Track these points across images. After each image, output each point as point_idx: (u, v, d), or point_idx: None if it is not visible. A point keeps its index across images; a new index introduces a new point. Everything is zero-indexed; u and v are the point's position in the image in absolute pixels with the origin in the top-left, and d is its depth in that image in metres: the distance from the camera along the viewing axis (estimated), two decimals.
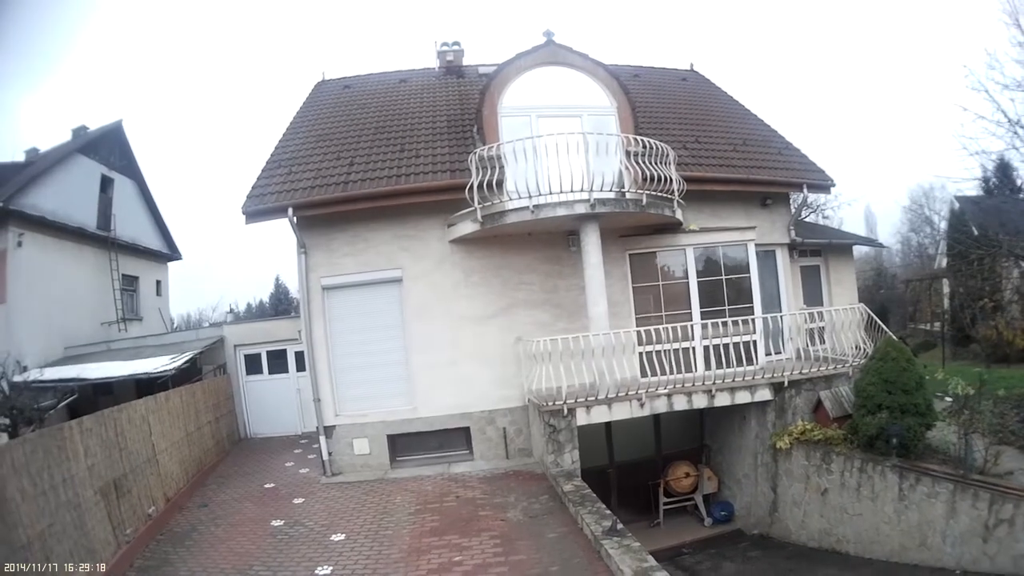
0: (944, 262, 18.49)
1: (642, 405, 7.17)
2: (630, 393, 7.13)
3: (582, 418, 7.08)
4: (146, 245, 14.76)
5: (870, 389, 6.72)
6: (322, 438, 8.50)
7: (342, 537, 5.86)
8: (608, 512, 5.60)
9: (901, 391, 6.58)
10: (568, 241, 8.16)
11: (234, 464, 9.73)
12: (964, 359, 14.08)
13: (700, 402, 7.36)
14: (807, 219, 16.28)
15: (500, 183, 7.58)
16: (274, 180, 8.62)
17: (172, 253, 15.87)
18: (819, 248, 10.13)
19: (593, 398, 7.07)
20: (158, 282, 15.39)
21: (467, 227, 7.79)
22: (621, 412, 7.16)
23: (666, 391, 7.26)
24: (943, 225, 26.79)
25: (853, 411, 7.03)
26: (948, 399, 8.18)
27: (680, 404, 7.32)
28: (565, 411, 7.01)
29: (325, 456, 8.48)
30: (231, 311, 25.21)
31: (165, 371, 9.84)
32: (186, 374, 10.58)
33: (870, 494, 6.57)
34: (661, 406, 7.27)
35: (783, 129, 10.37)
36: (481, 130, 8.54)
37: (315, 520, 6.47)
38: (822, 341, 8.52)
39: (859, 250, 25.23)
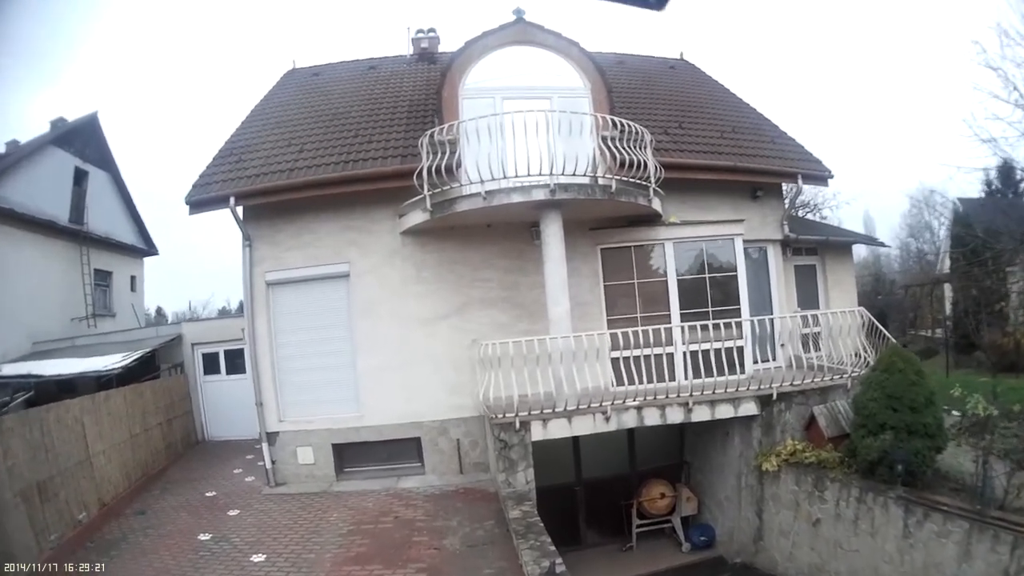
0: (946, 266, 17.05)
1: (607, 419, 5.98)
2: (592, 405, 5.93)
3: (537, 433, 5.90)
4: (120, 239, 13.78)
5: (872, 406, 5.47)
6: (264, 445, 7.47)
7: (262, 559, 5.20)
8: (552, 548, 4.44)
9: (908, 409, 5.35)
10: (532, 234, 6.98)
11: (184, 469, 8.80)
12: (968, 367, 12.67)
13: (675, 416, 6.15)
14: (804, 217, 14.95)
15: (454, 168, 6.46)
16: (222, 169, 7.65)
17: (148, 248, 14.89)
18: (815, 246, 8.84)
19: (550, 410, 5.88)
20: (133, 277, 14.41)
21: (417, 217, 6.67)
22: (583, 427, 5.98)
23: (636, 403, 6.05)
24: (943, 231, 25.23)
25: (851, 430, 5.77)
26: (956, 413, 6.87)
27: (652, 418, 6.12)
28: (517, 424, 5.84)
29: (268, 465, 7.45)
30: (225, 308, 24.34)
31: (109, 370, 8.84)
32: (142, 372, 9.59)
33: (869, 528, 5.32)
34: (630, 420, 6.07)
35: (780, 125, 9.11)
36: (440, 113, 7.41)
37: (242, 536, 5.77)
38: (817, 348, 7.25)
39: (857, 255, 23.71)
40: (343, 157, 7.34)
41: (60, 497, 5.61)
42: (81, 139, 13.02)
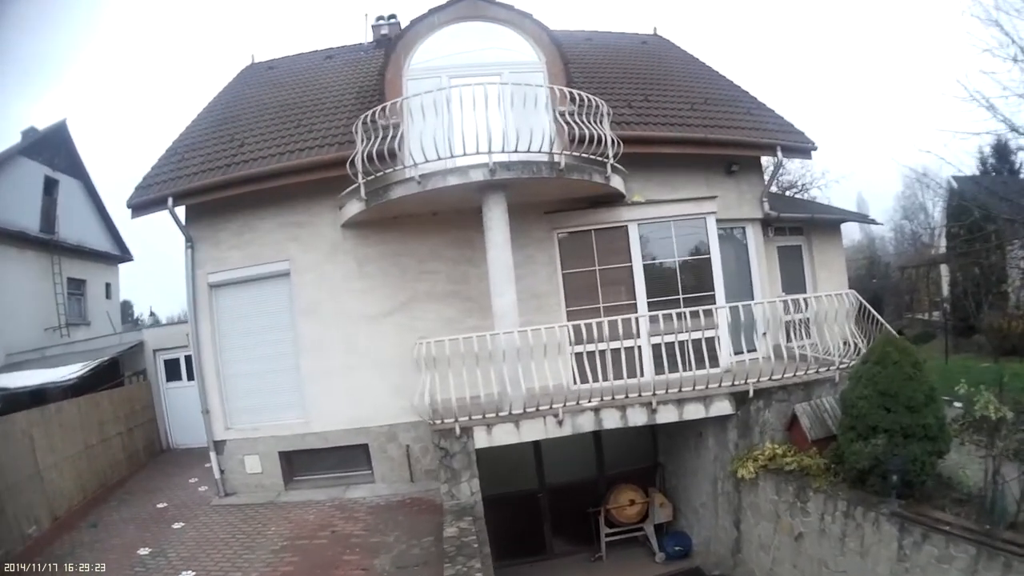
0: (943, 246, 15.77)
1: (560, 423, 5.06)
2: (542, 408, 5.01)
3: (481, 439, 5.01)
4: (93, 247, 13.02)
5: (862, 405, 4.47)
6: (213, 454, 6.75)
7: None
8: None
9: (904, 408, 4.32)
10: (482, 220, 6.05)
11: (145, 479, 8.17)
12: (967, 351, 11.49)
13: (637, 418, 5.21)
14: (788, 195, 13.73)
15: (396, 151, 5.55)
16: (164, 169, 6.88)
17: (123, 254, 14.13)
18: (800, 225, 7.77)
19: (494, 414, 4.98)
20: (108, 285, 13.64)
21: (354, 207, 5.80)
22: (533, 432, 5.07)
23: (592, 404, 5.12)
24: (938, 211, 23.72)
25: (839, 432, 4.78)
26: (957, 405, 5.84)
27: (611, 421, 5.18)
28: (458, 431, 4.95)
29: (217, 475, 6.71)
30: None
31: (64, 381, 8.14)
32: (105, 381, 8.88)
33: (858, 547, 4.36)
34: (586, 424, 5.15)
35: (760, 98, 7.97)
36: (383, 96, 6.50)
37: (179, 551, 5.35)
38: (806, 336, 6.20)
39: (849, 238, 22.32)
40: (281, 149, 6.49)
41: (7, 512, 5.34)
42: (50, 148, 12.26)
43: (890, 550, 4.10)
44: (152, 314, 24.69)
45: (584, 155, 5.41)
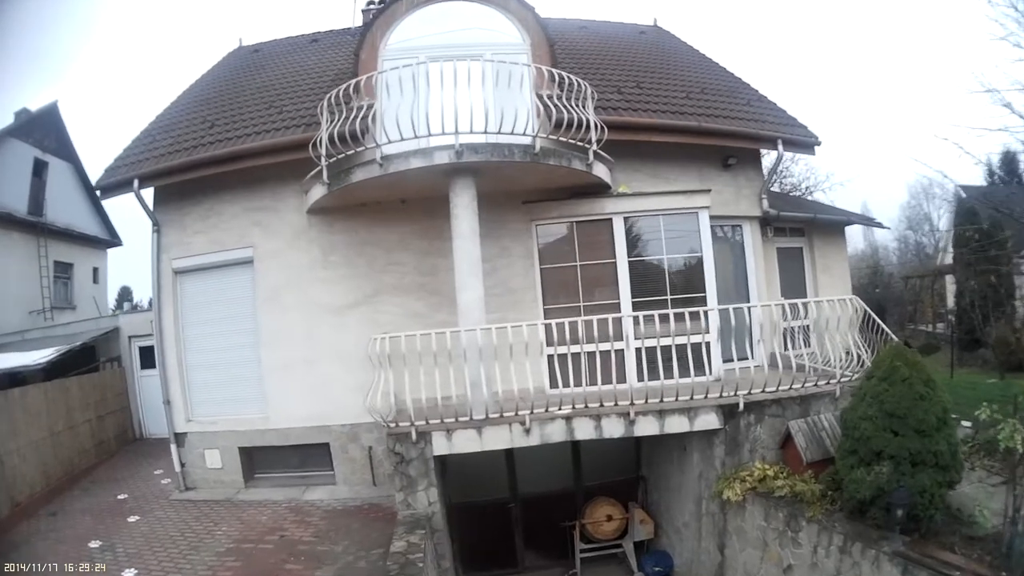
0: (948, 257, 14.87)
1: (527, 431, 4.42)
2: (507, 415, 4.37)
3: (440, 446, 4.39)
4: (82, 231, 12.59)
5: (865, 426, 3.78)
6: (173, 447, 6.28)
7: (132, 574, 4.47)
8: None
9: (914, 432, 3.63)
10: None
11: (111, 468, 7.80)
12: (972, 365, 10.66)
13: (613, 429, 4.54)
14: (790, 194, 12.90)
15: (360, 132, 4.96)
16: (135, 151, 6.40)
17: (112, 239, 13.69)
18: (802, 226, 7.04)
19: (453, 419, 4.35)
20: (95, 269, 13.20)
21: (317, 192, 5.23)
22: (497, 440, 4.43)
23: (564, 412, 4.48)
24: (943, 222, 22.66)
25: (837, 455, 4.08)
26: (966, 424, 5.11)
27: (584, 431, 4.53)
28: (414, 435, 4.34)
29: (177, 468, 6.26)
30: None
31: (35, 364, 7.67)
32: (79, 366, 8.41)
33: None
34: (556, 433, 4.49)
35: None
36: (356, 75, 5.90)
37: (127, 546, 5.02)
38: (805, 344, 5.49)
39: (854, 247, 21.41)
40: (249, 130, 5.93)
41: None
42: (40, 129, 11.84)
43: None
44: (151, 301, 24.33)
45: (565, 140, 4.76)
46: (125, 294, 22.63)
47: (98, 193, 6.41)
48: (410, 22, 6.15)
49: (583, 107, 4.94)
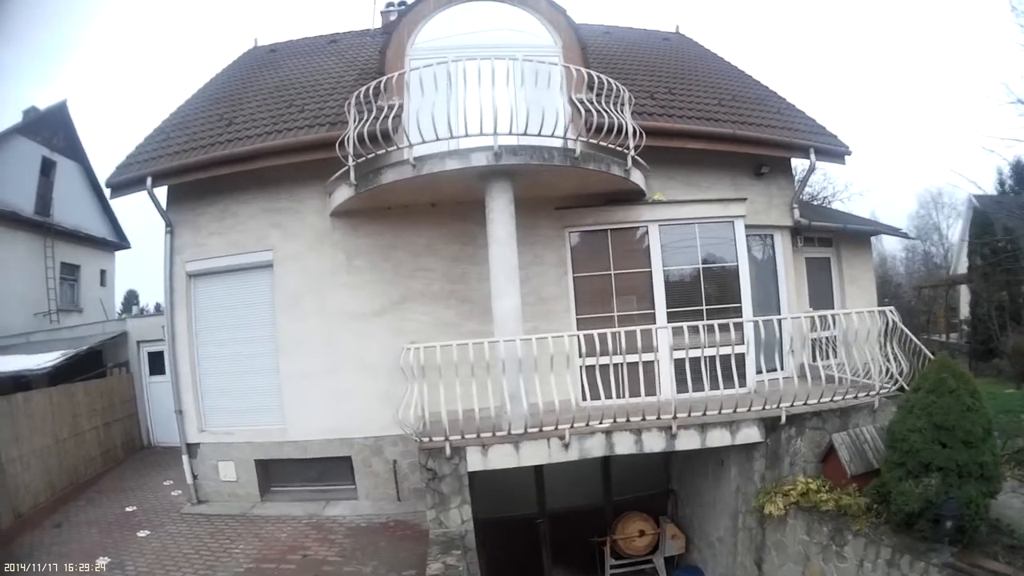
0: (962, 266, 15.06)
1: (566, 446, 4.41)
2: (546, 429, 4.35)
3: (475, 462, 4.37)
4: (89, 232, 12.55)
5: (914, 439, 3.85)
6: (185, 458, 6.25)
7: None
8: None
9: (962, 443, 3.74)
10: (485, 214, 5.42)
11: (118, 478, 7.72)
12: (987, 375, 10.79)
13: (654, 444, 4.56)
14: (816, 204, 13.01)
15: (390, 132, 4.96)
16: (148, 148, 6.37)
17: (120, 241, 13.64)
18: (830, 236, 7.12)
19: (490, 433, 4.32)
20: (103, 271, 13.17)
21: (343, 194, 5.22)
22: (535, 455, 4.42)
23: (604, 426, 4.46)
24: (954, 231, 22.98)
25: (884, 468, 4.12)
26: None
27: (624, 446, 4.53)
28: (448, 451, 4.30)
29: (189, 480, 6.23)
30: None
31: (39, 368, 7.55)
32: (86, 371, 8.29)
33: None
34: (596, 448, 4.50)
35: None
36: (382, 74, 5.90)
37: (138, 564, 4.89)
38: (832, 355, 5.52)
39: None
40: (269, 129, 5.91)
41: None
42: (49, 128, 11.84)
43: None
44: (158, 305, 24.12)
45: (604, 144, 4.79)
46: (131, 298, 22.36)
47: (108, 191, 6.32)
48: (438, 21, 6.19)
49: (620, 111, 4.97)
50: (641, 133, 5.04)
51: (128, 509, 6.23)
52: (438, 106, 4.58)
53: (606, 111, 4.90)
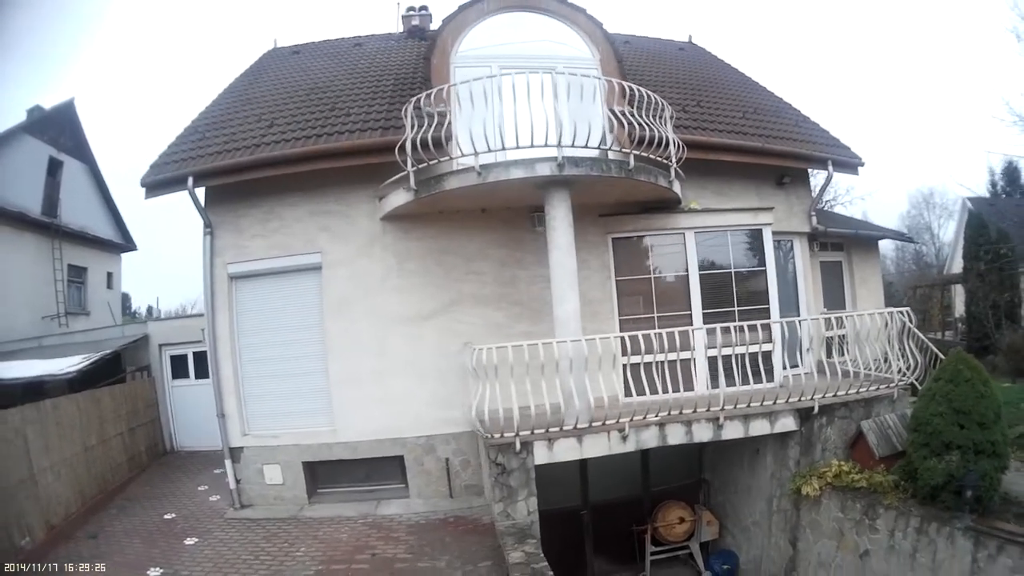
0: (956, 266, 16.33)
1: (624, 438, 5.04)
2: (608, 423, 4.94)
3: (542, 455, 4.94)
4: (96, 234, 12.66)
5: (937, 422, 4.64)
6: (228, 462, 6.52)
7: None
8: None
9: (977, 425, 4.58)
10: (533, 220, 6.06)
11: (147, 484, 7.88)
12: None
13: (703, 434, 5.24)
14: (828, 210, 13.97)
15: (443, 141, 5.45)
16: (183, 148, 6.67)
17: (126, 243, 13.73)
18: (842, 241, 7.95)
19: (557, 428, 4.89)
20: (109, 274, 13.27)
21: (399, 198, 5.68)
22: (596, 447, 5.03)
23: (657, 419, 5.07)
24: (945, 232, 24.55)
25: (910, 449, 4.88)
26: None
27: (676, 436, 5.20)
28: (518, 446, 4.86)
29: (232, 484, 6.50)
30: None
31: (63, 373, 7.69)
32: (106, 376, 8.46)
33: (929, 563, 4.54)
34: (650, 439, 5.13)
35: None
36: (429, 82, 6.43)
37: (196, 573, 4.93)
38: (841, 353, 6.34)
39: None
40: (316, 131, 6.34)
41: None
42: (56, 128, 11.89)
43: (963, 564, 4.30)
44: (150, 308, 23.75)
45: (650, 156, 5.39)
46: (124, 300, 21.94)
47: (144, 191, 6.44)
48: (480, 30, 6.74)
49: (662, 123, 5.59)
50: (683, 146, 5.68)
51: (167, 516, 6.40)
52: (487, 118, 5.10)
53: (648, 124, 5.51)
